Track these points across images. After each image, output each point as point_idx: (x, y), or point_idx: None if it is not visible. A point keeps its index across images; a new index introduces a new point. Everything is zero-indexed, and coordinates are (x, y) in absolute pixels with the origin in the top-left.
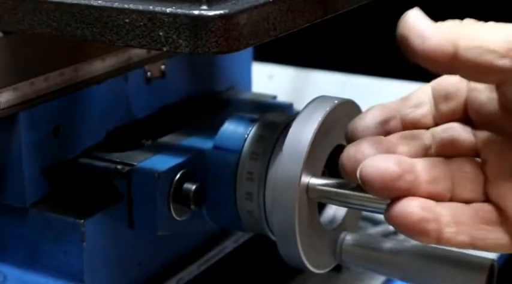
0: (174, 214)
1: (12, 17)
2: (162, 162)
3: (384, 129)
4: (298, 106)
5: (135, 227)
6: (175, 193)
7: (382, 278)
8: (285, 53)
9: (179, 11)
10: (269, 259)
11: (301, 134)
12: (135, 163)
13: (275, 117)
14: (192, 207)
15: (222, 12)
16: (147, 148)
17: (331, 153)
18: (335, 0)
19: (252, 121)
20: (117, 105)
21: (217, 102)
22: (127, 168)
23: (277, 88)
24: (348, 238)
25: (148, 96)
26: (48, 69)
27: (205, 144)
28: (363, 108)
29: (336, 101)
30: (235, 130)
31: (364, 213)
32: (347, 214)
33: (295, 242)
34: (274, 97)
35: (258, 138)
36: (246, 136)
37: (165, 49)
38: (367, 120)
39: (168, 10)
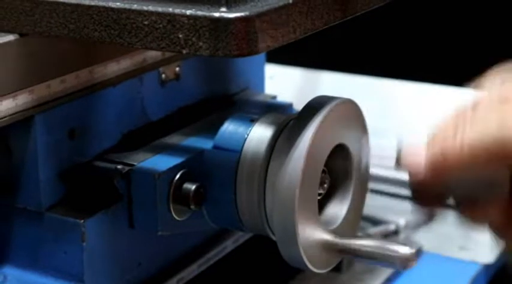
0: (174, 214)
1: (28, 19)
2: (162, 162)
3: None
4: (298, 106)
5: (135, 227)
6: (175, 193)
7: (382, 278)
8: (285, 53)
9: (199, 13)
10: (269, 259)
11: (301, 134)
12: (135, 163)
13: (275, 117)
14: (192, 207)
15: (242, 14)
16: (147, 148)
17: (331, 153)
18: (354, 2)
19: (252, 121)
20: (132, 108)
21: (230, 103)
22: (127, 168)
23: (277, 88)
24: None
25: (163, 98)
26: (64, 71)
27: (205, 144)
28: (363, 108)
29: (336, 101)
30: (235, 130)
31: (364, 213)
32: (347, 213)
33: (296, 242)
34: (274, 97)
35: (258, 138)
36: (246, 136)
37: (184, 51)
38: None
39: (188, 12)
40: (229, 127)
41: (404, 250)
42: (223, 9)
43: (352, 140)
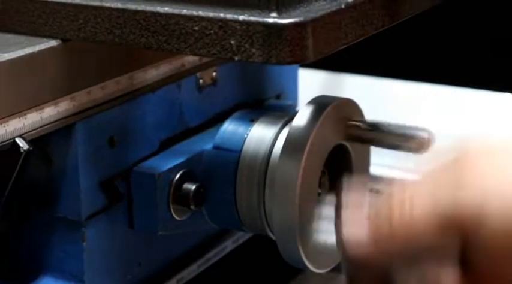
0: (174, 214)
1: (72, 24)
2: (162, 162)
3: None
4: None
5: (135, 227)
6: (175, 193)
7: None
8: None
9: (252, 18)
10: (269, 259)
11: (301, 134)
12: None
13: (275, 117)
14: (192, 207)
15: (296, 20)
16: None
17: (331, 153)
18: (401, 7)
19: (252, 121)
20: (171, 114)
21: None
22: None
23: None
24: None
25: (200, 104)
26: (105, 78)
27: (205, 144)
28: (363, 108)
29: (336, 101)
30: (235, 130)
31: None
32: None
33: (296, 242)
34: (278, 96)
35: (258, 138)
36: (246, 136)
37: (236, 58)
38: None
39: (241, 18)
40: (229, 127)
41: (422, 133)
42: (274, 14)
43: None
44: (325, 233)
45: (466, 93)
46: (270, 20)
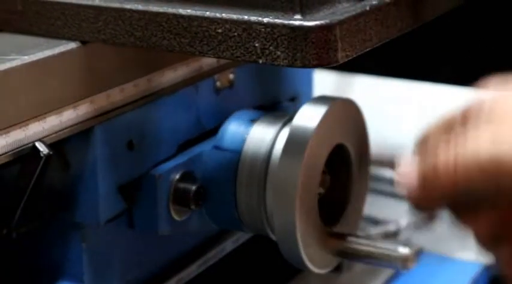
0: (174, 215)
1: (92, 27)
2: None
3: None
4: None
5: (135, 227)
6: (175, 193)
7: (382, 279)
8: None
9: (277, 21)
10: (269, 259)
11: (301, 134)
12: None
13: (275, 117)
14: (192, 207)
15: (322, 22)
16: None
17: (331, 153)
18: (424, 8)
19: (252, 121)
20: (188, 116)
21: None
22: None
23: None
24: None
25: (217, 107)
26: (123, 80)
27: (206, 144)
28: (363, 108)
29: (336, 101)
30: (235, 130)
31: (364, 213)
32: (347, 213)
33: (296, 242)
34: None
35: (258, 138)
36: (246, 136)
37: (260, 61)
38: None
39: (266, 20)
40: (229, 128)
41: (404, 250)
42: (298, 16)
43: (352, 140)
44: None
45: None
46: (296, 23)
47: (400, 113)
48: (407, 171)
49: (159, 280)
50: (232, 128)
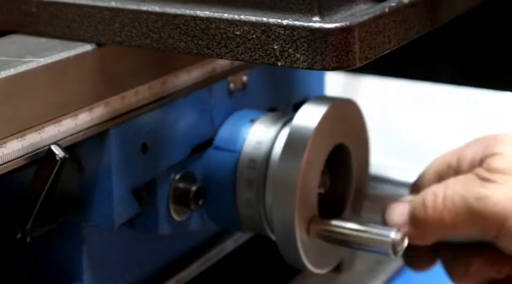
0: (174, 215)
1: (108, 28)
2: None
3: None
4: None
5: (135, 227)
6: (175, 193)
7: (382, 279)
8: None
9: (297, 23)
10: (269, 259)
11: (301, 134)
12: None
13: (275, 117)
14: (192, 207)
15: (342, 24)
16: None
17: (331, 153)
18: (441, 10)
19: (252, 121)
20: (202, 119)
21: None
22: None
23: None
24: None
25: (230, 109)
26: (138, 82)
27: None
28: (363, 108)
29: (336, 101)
30: (235, 131)
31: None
32: (347, 213)
33: (296, 242)
34: None
35: (258, 138)
36: (246, 136)
37: (279, 64)
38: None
39: (285, 22)
40: (229, 128)
41: (395, 235)
42: (317, 18)
43: (352, 140)
44: None
45: (490, 96)
46: (316, 25)
47: (407, 112)
48: (398, 214)
49: (159, 280)
50: (232, 128)
